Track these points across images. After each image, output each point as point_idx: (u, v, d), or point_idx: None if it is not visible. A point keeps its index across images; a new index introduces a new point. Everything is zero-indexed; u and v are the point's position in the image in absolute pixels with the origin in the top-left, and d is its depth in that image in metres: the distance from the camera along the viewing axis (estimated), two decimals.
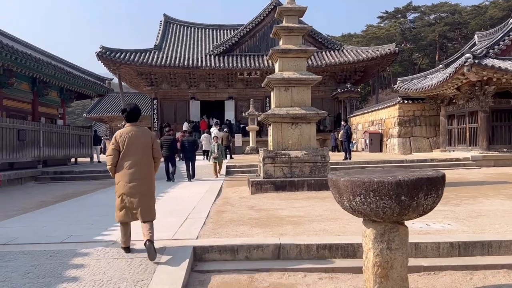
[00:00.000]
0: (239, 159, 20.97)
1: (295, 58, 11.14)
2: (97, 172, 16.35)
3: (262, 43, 33.57)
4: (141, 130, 4.96)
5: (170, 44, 34.34)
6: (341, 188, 3.80)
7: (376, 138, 24.55)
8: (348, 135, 17.90)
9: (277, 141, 10.91)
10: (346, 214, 7.34)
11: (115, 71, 31.30)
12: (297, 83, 10.93)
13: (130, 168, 4.75)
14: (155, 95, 33.06)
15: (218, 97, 33.41)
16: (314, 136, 11.06)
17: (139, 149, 4.82)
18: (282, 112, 10.76)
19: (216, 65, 31.00)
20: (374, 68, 32.71)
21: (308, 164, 10.64)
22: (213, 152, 14.64)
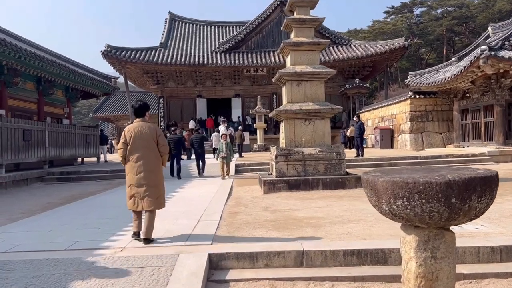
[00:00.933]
0: (247, 157, 20.66)
1: (307, 51, 10.77)
2: (104, 172, 16.05)
3: (268, 39, 33.29)
4: (147, 125, 5.27)
5: (175, 42, 34.20)
6: (380, 190, 3.34)
7: (387, 134, 24.16)
8: (361, 131, 17.46)
9: (290, 138, 10.53)
10: (368, 215, 6.89)
11: (121, 70, 31.17)
12: (310, 77, 10.56)
13: (137, 161, 5.14)
14: (161, 94, 32.98)
15: (224, 95, 33.24)
16: (329, 133, 10.68)
17: (145, 144, 5.16)
18: (294, 107, 10.36)
19: (222, 62, 30.78)
20: (382, 63, 32.24)
21: (322, 161, 10.26)
22: (221, 151, 13.85)
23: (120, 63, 30.12)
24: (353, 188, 9.97)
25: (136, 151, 5.19)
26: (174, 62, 30.23)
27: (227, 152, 13.69)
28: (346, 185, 9.97)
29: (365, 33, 61.53)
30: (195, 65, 30.39)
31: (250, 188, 11.11)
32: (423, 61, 60.97)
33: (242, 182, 12.57)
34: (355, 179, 10.09)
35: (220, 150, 13.92)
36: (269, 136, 29.80)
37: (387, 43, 31.52)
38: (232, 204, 8.61)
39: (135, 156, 5.19)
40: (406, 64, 60.10)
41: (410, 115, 22.03)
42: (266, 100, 32.02)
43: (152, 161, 5.22)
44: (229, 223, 6.58)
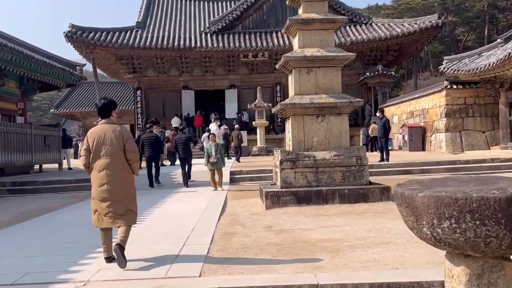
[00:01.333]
0: (245, 162, 20.61)
1: (319, 31, 10.62)
2: (67, 182, 15.98)
3: (270, 17, 33.29)
4: (113, 128, 5.39)
5: (156, 21, 34.17)
6: (419, 208, 3.14)
7: (417, 133, 24.13)
8: (386, 130, 17.34)
9: (298, 139, 10.41)
10: (398, 236, 6.70)
11: (89, 56, 31.18)
12: (323, 63, 10.42)
13: (100, 171, 5.26)
14: (138, 84, 32.97)
15: (216, 86, 33.32)
16: (346, 132, 10.55)
17: (109, 150, 5.28)
18: (304, 101, 10.24)
19: (214, 45, 30.76)
20: (411, 45, 32.24)
21: (339, 168, 10.14)
22: (210, 155, 13.30)
23: (88, 47, 30.12)
24: (377, 201, 9.82)
25: (99, 159, 5.31)
26: (154, 46, 30.22)
27: (217, 156, 13.24)
28: (369, 198, 9.84)
29: (388, 10, 61.56)
30: (180, 49, 30.36)
31: (248, 201, 10.98)
32: (460, 44, 60.98)
33: (239, 194, 12.45)
34: (380, 190, 9.94)
35: (208, 154, 13.43)
36: (271, 137, 29.78)
37: (417, 21, 31.48)
38: (227, 222, 8.45)
39: (98, 165, 5.31)
40: (439, 47, 60.07)
41: (446, 110, 21.96)
42: (267, 92, 32.18)
43: (118, 171, 5.32)
44: (223, 247, 6.39)
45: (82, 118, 46.57)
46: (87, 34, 29.93)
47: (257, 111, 27.34)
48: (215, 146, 13.37)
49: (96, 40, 29.69)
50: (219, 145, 13.59)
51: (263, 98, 28.36)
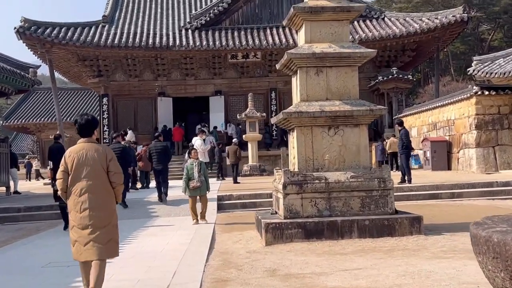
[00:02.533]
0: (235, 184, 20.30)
1: (331, 22, 10.27)
2: (15, 211, 15.43)
3: (263, 10, 33.25)
4: (95, 148, 5.69)
5: (126, 15, 33.98)
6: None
7: (441, 148, 23.96)
8: (406, 144, 16.95)
9: (306, 156, 10.01)
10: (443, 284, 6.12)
11: (45, 56, 30.76)
12: (336, 62, 10.04)
13: (81, 194, 5.49)
14: (105, 90, 32.70)
15: (199, 92, 33.25)
16: (366, 147, 10.18)
17: (91, 172, 5.55)
18: (312, 108, 9.86)
19: (196, 43, 30.53)
20: (431, 44, 32.22)
21: (357, 193, 9.71)
22: (192, 178, 12.01)
23: (44, 46, 29.77)
24: (406, 235, 9.40)
25: (80, 181, 5.55)
26: (124, 44, 29.96)
27: (201, 179, 11.97)
28: (396, 231, 9.41)
29: (401, 3, 61.87)
30: (156, 47, 30.13)
31: (242, 235, 10.52)
32: (485, 43, 61.30)
33: (230, 226, 12.06)
34: (409, 221, 9.50)
35: (188, 175, 12.05)
36: (265, 153, 29.59)
37: (437, 15, 31.49)
38: (217, 264, 7.94)
39: (78, 189, 5.53)
40: (461, 47, 60.32)
41: (476, 121, 21.72)
42: (260, 100, 32.19)
43: (101, 195, 5.58)
44: None
45: (37, 132, 46.17)
46: (43, 30, 29.52)
47: (249, 122, 27.22)
48: (198, 166, 12.15)
49: (54, 37, 29.34)
50: (202, 164, 12.44)
51: (255, 107, 28.28)
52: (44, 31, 29.47)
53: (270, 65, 32.35)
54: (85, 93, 46.41)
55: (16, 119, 45.11)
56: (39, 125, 44.77)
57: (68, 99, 46.47)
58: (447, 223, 10.93)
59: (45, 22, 30.50)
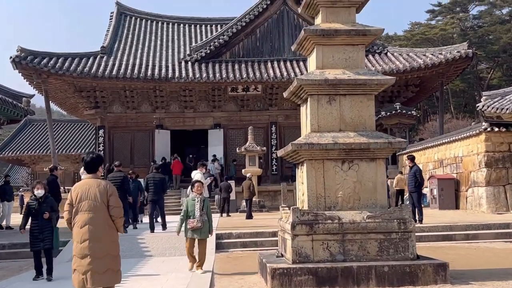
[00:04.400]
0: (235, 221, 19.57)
1: (345, 47, 9.63)
2: None
3: (264, 44, 33.05)
4: (98, 183, 6.30)
5: (125, 46, 33.91)
6: None
7: (449, 186, 23.43)
8: (418, 182, 16.16)
9: (316, 193, 9.28)
10: None
11: (41, 87, 30.19)
12: (350, 89, 9.37)
13: (82, 226, 6.05)
14: (101, 122, 32.24)
15: (197, 125, 33.01)
16: (383, 184, 9.43)
17: (92, 206, 6.13)
18: (324, 140, 9.18)
19: (196, 75, 30.17)
20: (434, 80, 31.96)
21: (374, 235, 8.86)
22: (190, 215, 10.21)
23: (40, 76, 29.24)
24: (430, 283, 8.56)
25: (82, 214, 6.17)
26: (122, 75, 29.52)
27: (202, 219, 10.18)
28: (419, 279, 8.52)
29: (400, 41, 61.87)
30: (155, 79, 29.74)
31: (245, 281, 9.54)
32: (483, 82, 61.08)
33: (230, 268, 11.21)
34: (433, 268, 8.65)
35: (186, 213, 10.27)
36: (264, 188, 28.92)
37: (442, 51, 31.27)
38: None
39: (80, 221, 6.14)
40: (460, 85, 60.16)
41: (486, 158, 21.13)
42: (260, 134, 31.88)
43: (101, 227, 6.15)
44: None
45: (31, 164, 45.51)
46: (40, 60, 28.96)
47: (248, 156, 26.76)
48: (200, 202, 10.22)
49: (51, 67, 28.76)
50: (206, 201, 10.62)
51: (255, 140, 27.88)
52: (41, 61, 28.92)
53: (271, 98, 31.95)
54: (81, 125, 46.04)
55: (11, 151, 44.44)
56: (34, 157, 44.13)
57: (64, 131, 46.07)
58: (470, 269, 9.95)
59: (42, 52, 29.95)
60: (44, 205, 10.23)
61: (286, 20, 32.99)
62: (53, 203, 10.56)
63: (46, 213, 10.13)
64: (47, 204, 10.31)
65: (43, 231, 10.16)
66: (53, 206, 10.47)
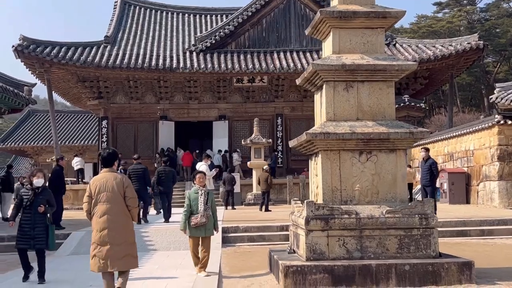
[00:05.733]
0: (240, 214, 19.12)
1: (363, 30, 9.05)
2: None
3: (271, 34, 32.53)
4: (114, 176, 6.94)
5: (129, 36, 33.52)
6: None
7: (459, 181, 23.09)
8: (434, 176, 15.65)
9: (332, 186, 8.72)
10: None
11: (43, 76, 29.87)
12: (369, 75, 8.80)
13: (101, 216, 6.73)
14: (104, 113, 32.00)
15: (202, 116, 32.73)
16: (404, 177, 8.81)
17: (110, 197, 6.78)
18: (341, 129, 8.62)
19: (201, 66, 29.73)
20: (444, 72, 31.35)
21: (394, 231, 8.34)
22: (195, 212, 9.21)
23: (43, 66, 28.91)
24: (454, 283, 7.98)
25: (101, 205, 6.73)
26: (126, 65, 29.15)
27: (207, 213, 9.21)
28: (442, 279, 7.97)
29: (407, 33, 61.09)
30: (159, 69, 29.36)
31: (255, 279, 8.98)
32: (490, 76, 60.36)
33: (238, 264, 10.77)
34: (457, 266, 8.12)
35: (189, 207, 9.29)
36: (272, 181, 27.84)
37: (452, 42, 30.68)
38: None
39: (99, 211, 6.71)
40: (466, 78, 59.48)
41: (499, 152, 20.70)
42: (266, 125, 31.57)
43: (118, 216, 6.72)
44: None
45: (34, 155, 45.29)
46: (42, 49, 28.56)
47: (254, 148, 26.27)
48: (204, 195, 9.28)
49: (53, 57, 28.40)
50: (211, 194, 9.53)
51: (261, 132, 27.28)
52: (44, 50, 28.53)
53: (277, 90, 31.48)
54: (85, 116, 45.94)
55: (14, 142, 44.27)
56: (36, 148, 43.93)
57: (67, 122, 45.97)
58: (492, 267, 9.40)
59: (45, 41, 29.58)
60: (41, 197, 8.94)
61: (293, 10, 32.39)
62: (50, 196, 9.25)
63: (42, 206, 8.82)
64: (43, 196, 9.00)
65: (35, 227, 8.81)
66: (50, 200, 9.15)
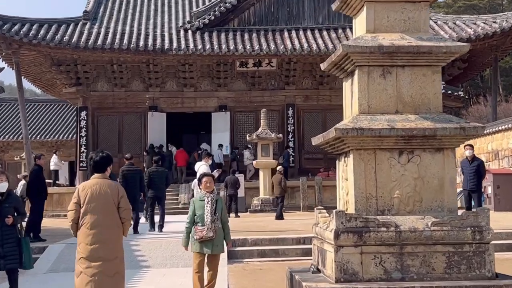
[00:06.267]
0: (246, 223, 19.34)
1: (404, 4, 8.93)
2: None
3: (281, 9, 32.76)
4: (108, 183, 7.10)
5: (112, 11, 33.87)
6: None
7: (507, 184, 23.18)
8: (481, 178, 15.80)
9: (366, 192, 8.56)
10: None
11: (11, 59, 30.14)
12: (411, 59, 8.70)
13: (92, 228, 6.82)
14: (83, 102, 32.25)
15: (199, 107, 33.09)
16: (452, 182, 8.69)
17: (102, 207, 6.91)
18: (377, 124, 8.45)
19: (198, 47, 29.93)
20: (486, 54, 31.58)
21: (441, 247, 8.25)
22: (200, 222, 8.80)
23: (10, 46, 29.19)
24: None
25: (92, 215, 6.81)
26: (109, 46, 29.38)
27: (215, 226, 8.75)
28: None
29: (440, 8, 61.60)
30: (148, 51, 29.65)
31: None
32: None
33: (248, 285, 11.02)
34: None
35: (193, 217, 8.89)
36: None
37: (496, 18, 30.79)
38: None
39: (89, 222, 6.78)
40: (510, 61, 59.73)
41: None
42: (275, 117, 31.96)
43: (111, 229, 6.84)
44: None
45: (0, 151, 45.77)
46: (10, 27, 28.77)
47: (261, 144, 26.77)
48: (212, 203, 8.81)
49: (23, 36, 28.62)
50: (220, 202, 9.11)
51: (269, 125, 27.63)
52: (11, 27, 28.73)
53: (288, 75, 31.73)
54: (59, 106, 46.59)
55: None
56: (2, 143, 44.42)
57: (38, 113, 46.58)
58: None
59: (13, 17, 29.76)
60: (7, 206, 8.40)
61: None
62: (17, 202, 8.85)
63: (10, 217, 8.29)
64: (10, 203, 8.47)
65: (4, 244, 8.31)
66: (18, 207, 8.68)
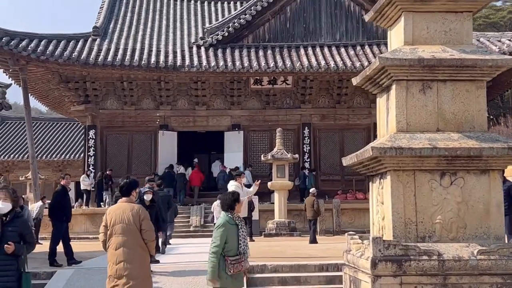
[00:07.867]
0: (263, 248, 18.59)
1: (445, 14, 8.86)
2: None
3: (297, 25, 32.70)
4: (131, 207, 7.93)
5: (123, 27, 33.95)
6: None
7: None
8: None
9: (405, 217, 8.39)
10: None
11: (18, 75, 30.02)
12: (453, 74, 8.57)
13: (117, 248, 7.69)
14: (92, 121, 32.24)
15: (211, 126, 33.16)
16: (499, 206, 8.51)
17: (125, 229, 7.70)
18: (417, 143, 8.30)
19: (211, 64, 29.77)
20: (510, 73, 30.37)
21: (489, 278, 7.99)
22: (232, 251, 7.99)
23: (18, 62, 29.05)
24: None
25: (116, 237, 7.70)
26: (119, 63, 29.33)
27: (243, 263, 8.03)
28: None
29: None
30: (159, 68, 29.49)
31: None
32: None
33: None
34: None
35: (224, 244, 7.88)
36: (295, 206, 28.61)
37: None
38: None
39: (115, 243, 7.71)
40: None
41: None
42: (290, 137, 32.01)
43: (134, 250, 7.66)
44: None
45: (4, 172, 45.89)
46: (18, 42, 28.70)
47: (276, 165, 26.51)
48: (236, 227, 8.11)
49: (31, 52, 28.49)
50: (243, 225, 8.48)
51: (284, 145, 27.48)
52: (19, 43, 28.68)
53: (304, 93, 31.64)
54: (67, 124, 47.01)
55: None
56: (7, 163, 44.67)
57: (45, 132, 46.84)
58: None
59: (21, 32, 29.77)
60: (9, 230, 7.20)
61: None
62: (25, 228, 7.55)
63: (10, 244, 7.04)
64: (14, 228, 7.25)
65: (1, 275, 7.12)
66: (25, 233, 7.45)
